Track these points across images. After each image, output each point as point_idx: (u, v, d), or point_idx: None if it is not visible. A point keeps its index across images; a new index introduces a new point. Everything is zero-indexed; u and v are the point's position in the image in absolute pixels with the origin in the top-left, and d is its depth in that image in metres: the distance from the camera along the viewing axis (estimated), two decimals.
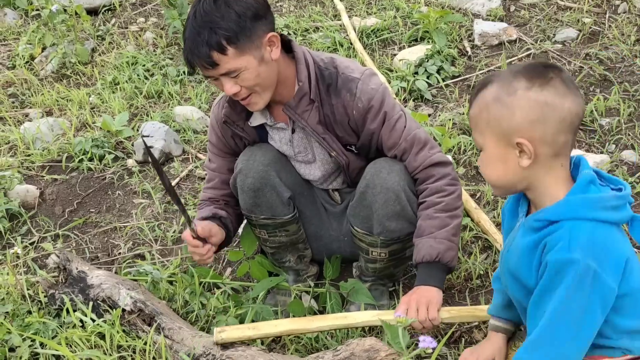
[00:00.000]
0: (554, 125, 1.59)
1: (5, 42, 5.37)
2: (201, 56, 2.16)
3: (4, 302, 2.71)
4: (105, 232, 3.30)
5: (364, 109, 2.35)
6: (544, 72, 1.61)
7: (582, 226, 1.60)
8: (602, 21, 4.74)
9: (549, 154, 1.62)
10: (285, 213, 2.56)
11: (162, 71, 4.61)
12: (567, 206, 1.62)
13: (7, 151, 3.93)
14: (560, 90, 1.59)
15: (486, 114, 1.65)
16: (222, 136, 2.55)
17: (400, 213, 2.39)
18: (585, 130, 3.68)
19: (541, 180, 1.67)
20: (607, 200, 1.61)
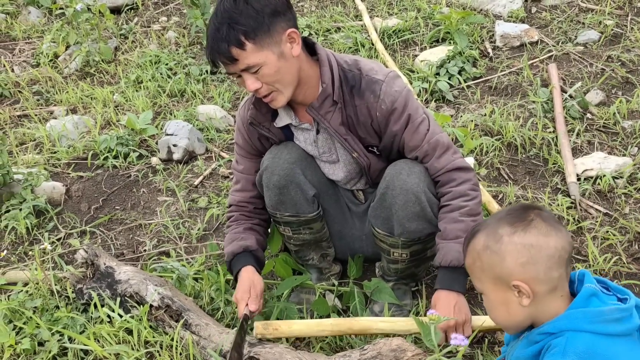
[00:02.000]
0: (544, 263, 1.65)
1: (30, 40, 5.44)
2: (221, 52, 2.20)
3: (33, 297, 2.76)
4: (130, 229, 3.34)
5: (388, 110, 2.37)
6: (524, 215, 1.68)
7: (581, 336, 1.64)
8: (624, 23, 4.74)
9: (546, 290, 1.68)
10: (309, 211, 2.59)
11: (185, 70, 4.65)
12: (566, 319, 1.67)
13: (33, 148, 3.98)
14: (543, 230, 1.65)
15: (479, 262, 1.72)
16: (248, 138, 2.58)
17: (420, 214, 2.41)
18: (607, 132, 3.68)
19: (544, 313, 1.72)
20: (609, 313, 1.65)
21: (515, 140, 3.61)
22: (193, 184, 3.61)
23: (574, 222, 3.06)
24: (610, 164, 3.37)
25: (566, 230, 1.69)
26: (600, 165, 3.36)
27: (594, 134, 3.68)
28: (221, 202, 3.43)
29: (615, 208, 3.16)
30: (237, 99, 4.38)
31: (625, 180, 3.28)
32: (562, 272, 1.67)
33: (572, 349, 1.61)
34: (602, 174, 3.29)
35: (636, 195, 3.20)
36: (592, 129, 3.73)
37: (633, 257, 2.89)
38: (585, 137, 3.65)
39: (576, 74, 4.24)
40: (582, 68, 4.29)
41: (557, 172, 3.40)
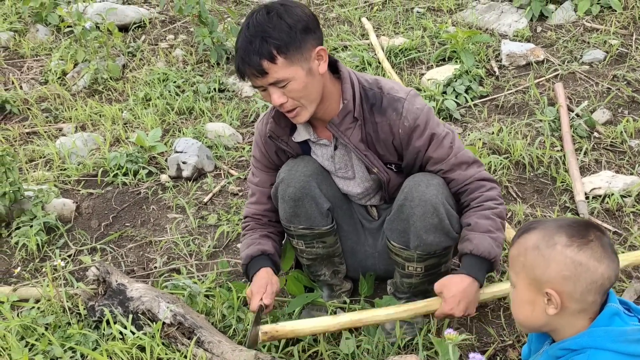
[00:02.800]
0: (585, 285, 1.66)
1: (38, 57, 5.47)
2: (252, 64, 2.22)
3: (45, 314, 2.77)
4: (140, 246, 3.36)
5: (410, 127, 2.40)
6: (586, 233, 1.68)
7: (602, 354, 1.65)
8: (629, 43, 4.77)
9: (576, 309, 1.70)
10: (323, 224, 2.60)
11: (193, 88, 4.68)
12: (589, 336, 1.68)
13: (43, 165, 4.00)
14: (597, 254, 1.66)
15: (524, 258, 1.73)
16: (265, 152, 2.61)
17: (438, 226, 2.42)
18: (615, 151, 3.70)
19: (565, 328, 1.74)
20: (631, 333, 1.66)
21: (523, 159, 3.63)
22: (202, 201, 3.63)
23: None
24: (618, 182, 3.38)
25: (618, 261, 1.69)
26: (608, 184, 3.38)
27: (601, 153, 3.70)
28: (231, 220, 3.45)
29: (624, 227, 3.17)
30: (246, 117, 4.40)
31: (633, 199, 3.29)
32: (597, 298, 1.68)
33: None
34: (611, 193, 3.31)
35: None
36: (600, 147, 3.75)
37: None
38: (592, 155, 3.67)
39: (582, 93, 4.26)
40: (588, 87, 4.31)
41: (566, 191, 3.42)
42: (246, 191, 3.67)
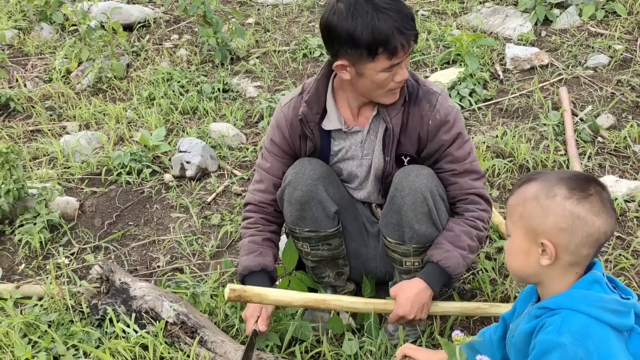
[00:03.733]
0: (581, 238, 1.67)
1: (42, 56, 5.48)
2: (414, 30, 2.29)
3: (48, 312, 2.77)
4: (143, 245, 3.36)
5: (441, 121, 2.45)
6: (587, 187, 1.69)
7: (577, 316, 1.67)
8: (633, 48, 4.78)
9: (569, 261, 1.71)
10: (329, 226, 2.60)
11: (197, 88, 4.68)
12: (567, 297, 1.70)
13: (47, 163, 4.01)
14: (596, 208, 1.67)
15: (522, 207, 1.74)
16: (290, 135, 2.58)
17: (428, 215, 2.45)
18: (618, 156, 3.71)
19: (553, 281, 1.75)
20: (608, 301, 1.68)
21: (527, 163, 3.63)
22: (206, 201, 3.63)
23: None
24: (621, 187, 3.38)
25: (615, 217, 1.71)
26: (612, 188, 3.37)
27: (605, 158, 3.70)
28: (234, 220, 3.45)
29: (627, 231, 3.17)
30: (249, 117, 4.41)
31: (637, 204, 3.29)
32: (591, 252, 1.70)
33: (567, 328, 1.65)
34: (614, 198, 3.30)
35: None
36: (603, 152, 3.75)
37: None
38: (596, 160, 3.67)
39: (586, 98, 4.27)
40: (593, 92, 4.32)
41: None
42: None
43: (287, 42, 5.40)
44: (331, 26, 2.28)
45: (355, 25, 2.24)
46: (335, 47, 2.31)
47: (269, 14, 5.92)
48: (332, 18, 2.28)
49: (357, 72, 2.34)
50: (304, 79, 4.84)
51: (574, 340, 1.63)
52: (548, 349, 1.64)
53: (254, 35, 5.51)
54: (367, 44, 2.24)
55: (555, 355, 1.63)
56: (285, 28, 5.67)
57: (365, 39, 2.24)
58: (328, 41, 2.34)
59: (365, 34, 2.23)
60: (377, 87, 2.37)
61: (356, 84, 2.40)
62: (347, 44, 2.27)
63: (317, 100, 2.50)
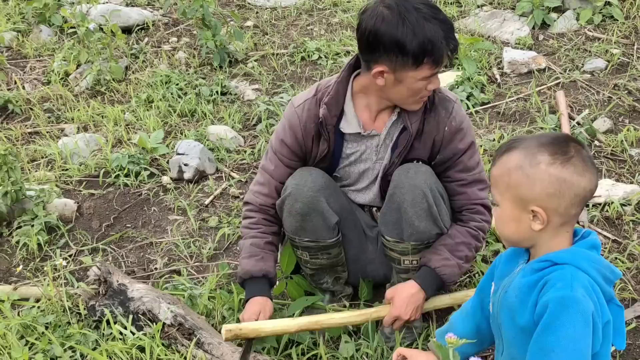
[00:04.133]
0: (569, 199, 1.73)
1: (41, 58, 5.49)
2: (456, 41, 2.32)
3: (45, 313, 2.78)
4: (141, 247, 3.37)
5: (456, 128, 2.50)
6: (567, 149, 1.73)
7: (582, 275, 1.71)
8: (630, 52, 4.79)
9: (559, 222, 1.76)
10: (329, 237, 2.61)
11: (196, 90, 4.69)
12: (572, 254, 1.75)
13: (45, 165, 4.01)
14: (579, 169, 1.72)
15: (507, 178, 1.77)
16: (302, 137, 2.57)
17: (428, 211, 2.47)
18: (615, 160, 3.72)
19: (546, 242, 1.80)
20: (605, 266, 1.75)
21: None
22: (203, 203, 3.64)
23: None
24: (618, 191, 3.40)
25: (597, 173, 1.77)
26: (608, 192, 3.39)
27: (601, 161, 3.71)
28: (232, 222, 3.45)
29: (623, 235, 3.18)
30: (248, 120, 4.42)
31: (633, 207, 3.31)
32: (579, 210, 1.76)
33: (579, 283, 1.69)
34: (611, 201, 3.32)
35: None
36: (600, 156, 3.76)
37: None
38: None
39: (583, 102, 4.28)
40: (590, 96, 4.33)
41: None
42: None
43: (286, 45, 5.41)
44: (378, 33, 2.28)
45: (405, 33, 2.25)
46: (377, 53, 2.31)
47: (268, 17, 5.93)
48: (379, 25, 2.28)
49: (396, 79, 2.34)
50: (302, 82, 4.85)
51: (586, 293, 1.68)
52: (565, 305, 1.67)
53: (253, 38, 5.52)
54: (414, 52, 2.26)
55: (573, 310, 1.66)
56: (284, 31, 5.68)
57: (413, 47, 2.25)
58: (370, 47, 2.33)
59: (415, 42, 2.24)
60: (411, 94, 2.39)
61: (389, 90, 2.40)
62: (394, 51, 2.27)
63: (336, 102, 2.51)
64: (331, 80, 2.58)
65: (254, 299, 2.57)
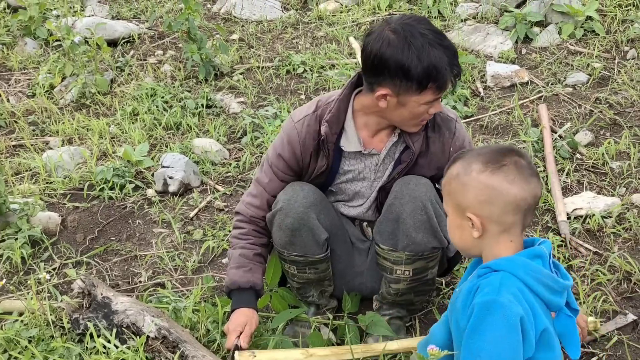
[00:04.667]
0: (500, 207, 1.79)
1: (26, 70, 5.49)
2: (460, 67, 2.34)
3: (28, 327, 2.77)
4: (125, 260, 3.36)
5: (460, 147, 2.54)
6: (500, 158, 1.80)
7: (512, 279, 1.77)
8: (611, 66, 4.86)
9: (497, 230, 1.83)
10: (318, 252, 2.62)
11: (181, 103, 4.71)
12: (509, 262, 1.80)
13: (29, 178, 4.00)
14: (510, 177, 1.78)
15: (448, 186, 1.88)
16: (300, 152, 2.58)
17: (427, 224, 2.48)
18: (596, 172, 3.76)
19: (490, 249, 1.87)
20: (544, 275, 1.78)
21: None
22: (188, 216, 3.64)
23: (564, 260, 3.11)
24: (599, 203, 3.43)
25: (537, 183, 1.81)
26: (589, 204, 3.43)
27: (583, 174, 3.75)
28: (216, 235, 3.46)
29: (604, 247, 3.22)
30: (233, 133, 4.43)
31: (614, 219, 3.34)
32: (517, 219, 1.80)
33: (506, 289, 1.74)
34: (592, 214, 3.35)
35: (625, 235, 3.27)
36: (582, 168, 3.80)
37: (622, 296, 2.94)
38: (574, 176, 3.72)
39: (565, 115, 4.33)
40: (571, 109, 4.38)
41: (548, 211, 3.46)
42: (232, 207, 3.69)
43: (271, 58, 5.44)
44: (384, 57, 2.29)
45: (410, 58, 2.26)
46: (382, 77, 2.32)
47: (253, 31, 5.96)
48: (385, 49, 2.28)
49: (399, 102, 2.36)
50: (287, 95, 4.88)
51: (514, 299, 1.73)
52: (489, 309, 1.73)
53: (238, 51, 5.55)
54: (419, 77, 2.27)
55: (497, 314, 1.71)
56: (269, 44, 5.72)
57: (418, 73, 2.26)
58: (375, 70, 2.33)
59: (419, 67, 2.26)
60: (412, 117, 2.41)
61: (390, 113, 2.42)
62: (398, 75, 2.29)
63: (337, 120, 2.52)
64: (331, 97, 2.58)
65: (240, 310, 2.57)
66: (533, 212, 1.86)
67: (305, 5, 6.53)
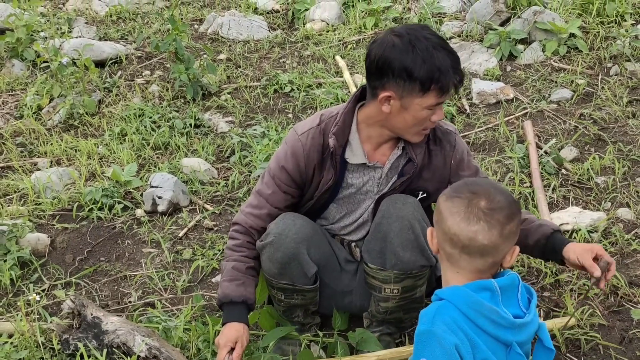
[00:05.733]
0: (440, 233, 1.88)
1: (13, 92, 5.49)
2: (461, 75, 2.38)
3: (18, 349, 2.76)
4: (115, 280, 3.37)
5: (460, 159, 2.61)
6: (463, 190, 1.86)
7: (450, 308, 1.80)
8: (595, 83, 4.92)
9: (444, 256, 1.90)
10: (307, 284, 2.65)
11: (169, 123, 4.72)
12: (452, 291, 1.83)
13: (18, 199, 4.00)
14: (454, 209, 1.83)
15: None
16: (304, 165, 2.59)
17: (414, 243, 2.51)
18: (582, 187, 3.80)
19: (444, 275, 1.94)
20: (487, 309, 1.80)
21: None
22: (178, 235, 3.65)
23: (551, 274, 3.14)
24: (585, 218, 3.47)
25: (481, 229, 1.79)
26: (575, 219, 3.46)
27: (569, 189, 3.80)
28: (206, 254, 3.47)
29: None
30: (221, 152, 4.45)
31: (600, 234, 3.38)
32: (455, 253, 1.84)
33: (440, 318, 1.78)
34: (578, 228, 3.39)
35: (611, 249, 3.30)
36: (567, 184, 3.85)
37: (609, 309, 2.97)
38: (560, 192, 3.76)
39: (550, 131, 4.38)
40: (556, 125, 4.43)
41: None
42: (221, 226, 3.70)
43: (259, 77, 5.48)
44: (388, 59, 2.35)
45: (415, 59, 2.32)
46: (386, 78, 2.37)
47: (240, 50, 6.00)
48: (389, 51, 2.35)
49: (402, 106, 2.40)
50: (275, 113, 4.91)
51: (446, 328, 1.76)
52: (425, 338, 1.77)
53: (226, 71, 5.58)
54: (422, 78, 2.32)
55: (433, 343, 1.75)
56: (257, 64, 5.75)
57: (422, 73, 2.32)
58: (379, 72, 2.39)
59: (423, 68, 2.32)
60: (415, 123, 2.44)
61: (393, 119, 2.45)
62: (402, 75, 2.34)
63: (343, 133, 2.55)
64: (334, 110, 2.62)
65: (231, 324, 2.56)
66: (479, 255, 1.82)
67: (291, 25, 6.59)
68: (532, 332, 1.89)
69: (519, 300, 1.88)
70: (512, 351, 1.83)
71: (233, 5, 7.04)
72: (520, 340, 1.85)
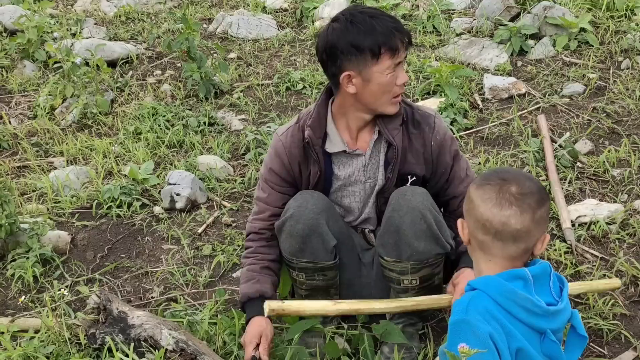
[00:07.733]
0: (472, 221, 1.88)
1: (26, 93, 5.51)
2: (406, 33, 2.46)
3: (46, 344, 2.79)
4: (136, 276, 3.39)
5: (441, 141, 2.63)
6: (492, 177, 1.87)
7: (484, 298, 1.81)
8: (606, 77, 4.93)
9: (476, 246, 1.90)
10: (327, 259, 2.67)
11: (183, 122, 4.74)
12: (484, 280, 1.85)
13: (37, 198, 4.02)
14: (486, 196, 1.84)
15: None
16: (288, 163, 2.66)
17: (427, 232, 2.54)
18: (598, 180, 3.82)
19: (477, 266, 1.94)
20: (521, 299, 1.81)
21: None
22: (197, 232, 3.67)
23: (571, 266, 3.15)
24: (602, 210, 3.49)
25: (514, 214, 1.81)
26: (593, 211, 3.48)
27: (585, 182, 3.81)
28: (226, 250, 3.49)
29: (610, 253, 3.27)
30: (236, 150, 4.47)
31: (617, 226, 3.39)
32: (487, 240, 1.84)
33: (474, 307, 1.79)
34: (596, 220, 3.41)
35: (629, 240, 3.32)
36: (583, 177, 3.86)
37: (630, 299, 2.99)
38: (576, 185, 3.78)
39: (564, 125, 4.40)
40: (570, 119, 4.45)
41: (552, 219, 3.51)
42: (239, 222, 3.72)
43: (270, 75, 5.50)
44: (333, 42, 2.45)
45: (357, 32, 2.41)
46: (338, 60, 2.44)
47: (250, 49, 6.02)
48: (331, 35, 2.45)
49: (364, 79, 2.46)
50: (287, 111, 4.93)
51: (480, 317, 1.77)
52: (459, 328, 1.78)
53: (237, 69, 5.60)
54: (369, 45, 2.41)
55: (467, 332, 1.76)
56: (267, 62, 5.77)
57: (367, 42, 2.41)
58: (330, 58, 2.47)
59: (367, 37, 2.40)
60: (383, 91, 2.48)
61: (362, 95, 2.49)
62: (351, 51, 2.42)
63: (319, 124, 2.60)
64: (311, 108, 2.69)
65: (253, 320, 2.61)
66: (512, 241, 1.83)
67: (300, 23, 6.60)
68: (565, 320, 1.91)
69: (551, 288, 1.89)
70: (547, 339, 1.85)
71: (242, 4, 7.06)
72: (553, 327, 1.86)
